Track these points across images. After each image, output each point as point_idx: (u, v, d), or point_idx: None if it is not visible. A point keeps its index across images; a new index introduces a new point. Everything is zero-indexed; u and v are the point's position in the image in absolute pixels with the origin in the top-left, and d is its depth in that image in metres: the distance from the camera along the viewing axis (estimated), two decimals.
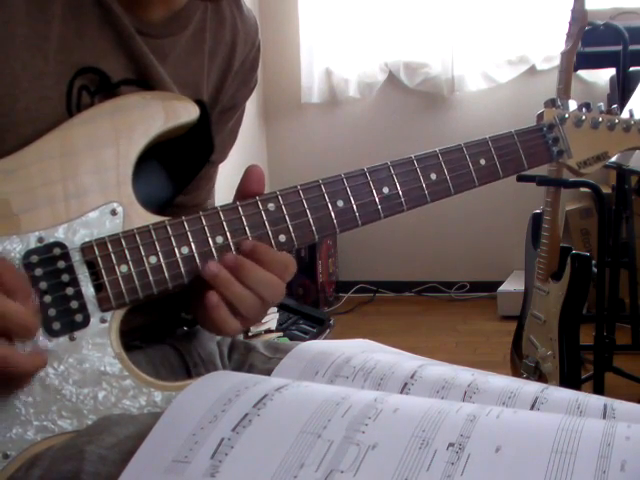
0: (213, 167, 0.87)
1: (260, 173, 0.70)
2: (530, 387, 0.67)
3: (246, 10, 0.85)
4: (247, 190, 0.70)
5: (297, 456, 0.51)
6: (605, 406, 0.62)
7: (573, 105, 0.84)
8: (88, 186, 0.66)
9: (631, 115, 0.87)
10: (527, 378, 1.88)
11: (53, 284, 0.63)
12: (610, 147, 0.85)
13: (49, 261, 0.64)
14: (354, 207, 0.72)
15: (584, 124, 0.84)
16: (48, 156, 0.66)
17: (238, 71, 0.84)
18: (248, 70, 0.86)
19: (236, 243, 0.68)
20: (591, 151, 0.84)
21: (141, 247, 0.66)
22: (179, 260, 0.66)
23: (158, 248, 0.66)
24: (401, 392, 0.67)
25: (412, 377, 0.69)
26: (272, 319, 2.58)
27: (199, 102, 0.71)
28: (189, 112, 0.70)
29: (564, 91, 1.78)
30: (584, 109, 0.84)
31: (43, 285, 0.63)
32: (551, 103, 0.84)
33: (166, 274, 0.66)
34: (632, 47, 2.11)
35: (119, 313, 0.65)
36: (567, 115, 0.83)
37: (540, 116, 0.83)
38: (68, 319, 0.63)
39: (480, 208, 3.22)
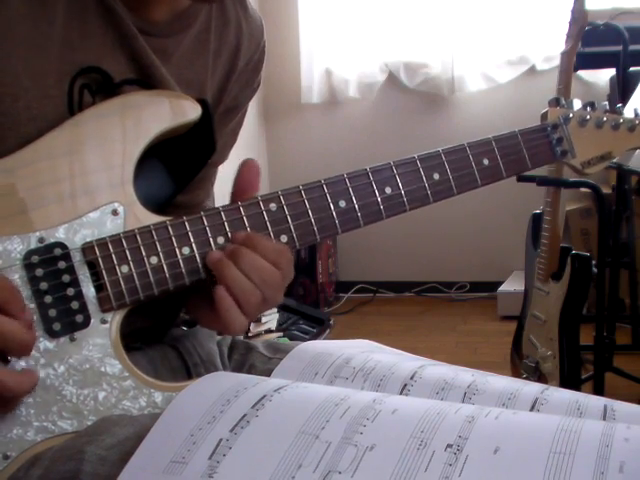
0: (213, 168, 0.87)
1: (256, 167, 0.71)
2: (530, 388, 0.66)
3: (251, 10, 0.84)
4: (244, 182, 0.70)
5: (295, 457, 0.51)
6: (605, 407, 0.62)
7: (577, 104, 0.83)
8: (94, 185, 0.66)
9: (636, 115, 0.86)
10: (527, 378, 1.88)
11: (54, 284, 0.63)
12: (614, 147, 0.84)
13: (50, 261, 0.63)
14: (356, 207, 0.71)
15: (588, 124, 0.83)
16: (55, 154, 0.65)
17: (242, 72, 0.84)
18: (252, 71, 0.85)
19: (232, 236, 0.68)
20: (595, 151, 0.83)
21: (142, 247, 0.66)
22: (180, 260, 0.66)
23: (159, 248, 0.66)
24: (401, 393, 0.67)
25: (412, 378, 0.69)
26: (272, 319, 2.59)
27: (202, 101, 0.71)
28: (195, 110, 0.70)
29: (564, 91, 1.78)
30: (589, 108, 0.84)
31: (44, 285, 0.63)
32: (555, 102, 0.83)
33: (167, 274, 0.66)
34: (632, 47, 2.10)
35: (120, 314, 0.65)
36: (571, 114, 0.82)
37: (544, 115, 0.82)
38: (68, 320, 0.63)
39: (480, 208, 3.22)
